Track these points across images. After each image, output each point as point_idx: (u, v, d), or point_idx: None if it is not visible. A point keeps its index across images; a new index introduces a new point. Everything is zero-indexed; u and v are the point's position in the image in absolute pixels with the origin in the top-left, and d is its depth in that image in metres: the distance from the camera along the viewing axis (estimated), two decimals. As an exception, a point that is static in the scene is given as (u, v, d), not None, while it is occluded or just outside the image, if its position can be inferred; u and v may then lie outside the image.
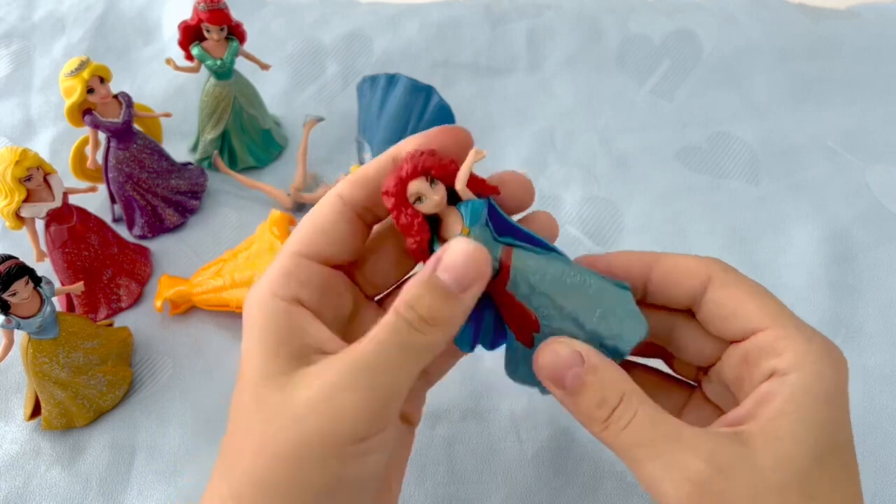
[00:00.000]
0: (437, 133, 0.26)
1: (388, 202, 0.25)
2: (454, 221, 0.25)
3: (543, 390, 0.27)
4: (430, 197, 0.24)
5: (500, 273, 0.25)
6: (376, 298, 0.29)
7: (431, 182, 0.25)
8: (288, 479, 0.22)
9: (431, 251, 0.25)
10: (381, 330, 0.23)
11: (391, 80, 0.50)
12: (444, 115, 0.52)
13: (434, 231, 0.25)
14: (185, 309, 0.43)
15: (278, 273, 0.25)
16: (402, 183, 0.24)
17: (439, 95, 0.52)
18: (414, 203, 0.25)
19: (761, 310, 0.25)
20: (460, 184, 0.25)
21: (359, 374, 0.22)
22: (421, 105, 0.50)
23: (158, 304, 0.42)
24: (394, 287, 0.29)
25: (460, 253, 0.23)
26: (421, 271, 0.24)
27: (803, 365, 0.24)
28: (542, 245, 0.26)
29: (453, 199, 0.25)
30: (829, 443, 0.23)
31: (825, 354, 0.24)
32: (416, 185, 0.24)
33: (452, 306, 0.23)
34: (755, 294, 0.26)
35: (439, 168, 0.25)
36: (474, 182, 0.25)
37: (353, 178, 0.26)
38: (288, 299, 0.24)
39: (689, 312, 0.28)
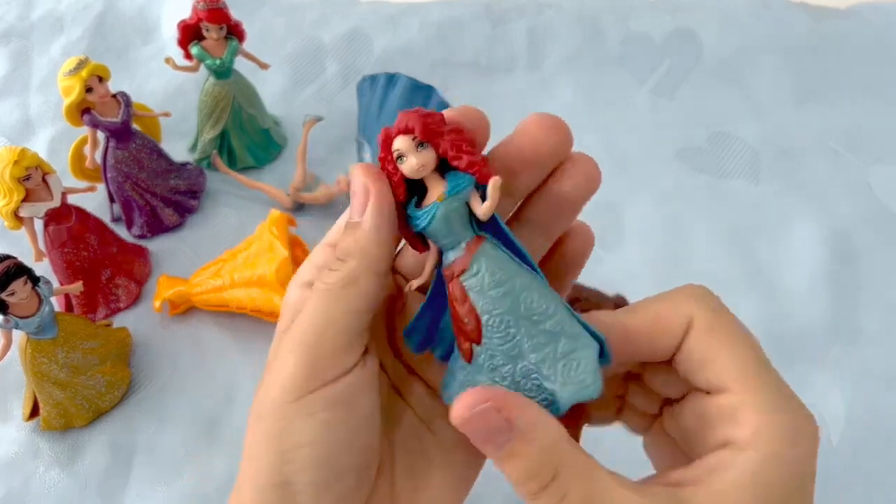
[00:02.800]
0: (452, 112, 0.24)
1: (379, 151, 0.23)
2: (434, 189, 0.23)
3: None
4: (409, 159, 0.23)
5: (461, 259, 0.23)
6: None
7: (420, 145, 0.23)
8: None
9: (407, 215, 0.23)
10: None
11: (391, 79, 0.50)
12: None
13: (422, 197, 0.23)
14: (184, 309, 0.43)
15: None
16: (389, 137, 0.23)
17: (440, 94, 0.52)
18: (396, 160, 0.23)
19: (734, 366, 0.22)
20: (485, 214, 0.23)
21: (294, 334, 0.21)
22: (421, 104, 0.50)
23: (157, 304, 0.42)
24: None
25: (354, 176, 0.22)
26: None
27: (763, 444, 0.21)
28: (527, 262, 0.23)
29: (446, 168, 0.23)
30: None
31: (790, 431, 0.21)
32: (399, 143, 0.22)
33: (352, 234, 0.22)
34: (733, 346, 0.23)
35: (425, 132, 0.22)
36: (477, 164, 0.23)
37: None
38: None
39: None
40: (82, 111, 0.43)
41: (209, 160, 0.50)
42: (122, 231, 0.46)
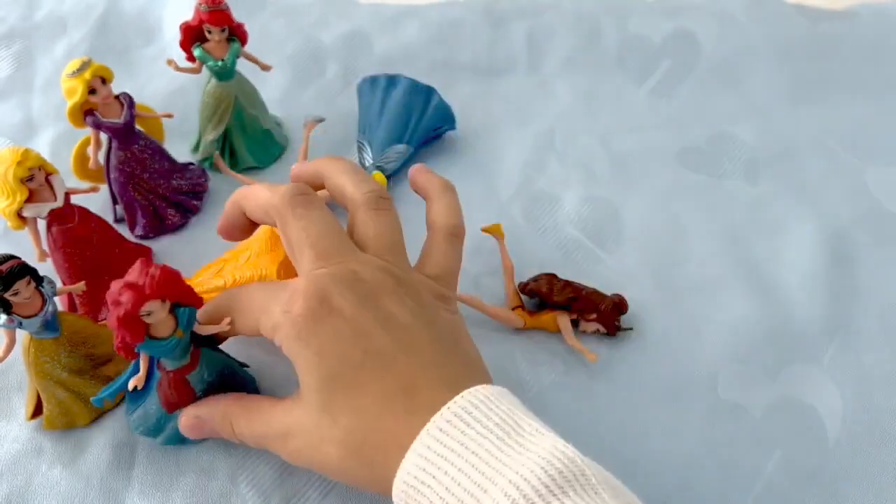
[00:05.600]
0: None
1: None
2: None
3: (165, 441, 0.37)
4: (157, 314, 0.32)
5: (191, 362, 0.35)
6: None
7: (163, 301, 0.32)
8: None
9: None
10: None
11: (392, 80, 0.51)
12: (445, 115, 0.52)
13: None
14: None
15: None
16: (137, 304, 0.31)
17: (440, 96, 0.52)
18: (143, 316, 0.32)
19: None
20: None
21: None
22: (421, 105, 0.51)
23: None
24: None
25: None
26: None
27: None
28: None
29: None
30: (333, 363, 0.30)
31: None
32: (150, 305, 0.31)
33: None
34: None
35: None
36: (186, 294, 0.33)
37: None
38: None
39: None
40: (85, 112, 0.43)
41: (211, 161, 0.51)
42: (124, 231, 0.47)
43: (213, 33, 0.46)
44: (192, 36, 0.47)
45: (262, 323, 0.32)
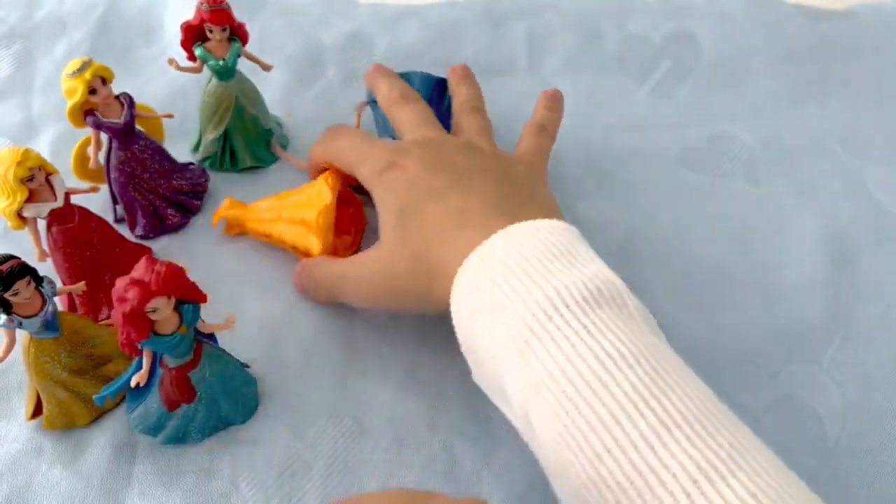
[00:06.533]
0: None
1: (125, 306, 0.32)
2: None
3: (164, 440, 0.37)
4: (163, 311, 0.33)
5: (193, 359, 0.35)
6: None
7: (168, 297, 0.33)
8: None
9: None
10: None
11: (405, 76, 0.50)
12: None
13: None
14: (236, 231, 0.47)
15: None
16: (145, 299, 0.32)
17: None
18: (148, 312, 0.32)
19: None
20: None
21: None
22: (437, 97, 0.50)
23: (216, 220, 0.47)
24: None
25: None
26: None
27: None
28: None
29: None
30: (406, 199, 0.38)
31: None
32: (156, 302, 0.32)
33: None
34: None
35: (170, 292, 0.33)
36: (190, 290, 0.34)
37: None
38: None
39: None
40: (85, 112, 0.43)
41: (211, 161, 0.51)
42: (124, 231, 0.47)
43: (215, 33, 0.46)
44: (193, 35, 0.47)
45: (357, 171, 0.42)
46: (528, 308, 0.29)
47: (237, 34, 0.47)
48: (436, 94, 0.50)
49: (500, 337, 0.30)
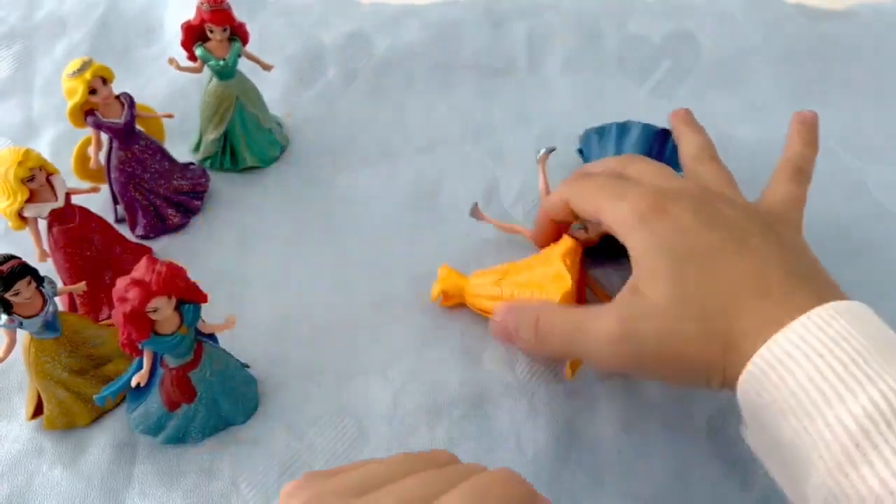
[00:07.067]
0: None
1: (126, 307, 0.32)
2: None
3: (165, 440, 0.37)
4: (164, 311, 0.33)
5: (193, 359, 0.35)
6: None
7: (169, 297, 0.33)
8: None
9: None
10: None
11: (622, 128, 0.48)
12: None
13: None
14: (454, 303, 0.43)
15: None
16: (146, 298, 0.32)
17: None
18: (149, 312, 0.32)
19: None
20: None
21: None
22: (658, 148, 0.48)
23: (434, 296, 0.43)
24: None
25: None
26: None
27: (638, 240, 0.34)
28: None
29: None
30: (681, 250, 0.32)
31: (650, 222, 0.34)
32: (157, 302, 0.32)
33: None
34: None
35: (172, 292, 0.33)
36: (191, 290, 0.33)
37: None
38: None
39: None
40: (86, 112, 0.44)
41: (211, 160, 0.51)
42: (125, 231, 0.47)
43: (215, 33, 0.46)
44: (193, 35, 0.47)
45: (609, 211, 0.36)
46: (864, 409, 0.26)
47: (237, 34, 0.47)
48: (655, 144, 0.47)
49: (818, 436, 0.27)
